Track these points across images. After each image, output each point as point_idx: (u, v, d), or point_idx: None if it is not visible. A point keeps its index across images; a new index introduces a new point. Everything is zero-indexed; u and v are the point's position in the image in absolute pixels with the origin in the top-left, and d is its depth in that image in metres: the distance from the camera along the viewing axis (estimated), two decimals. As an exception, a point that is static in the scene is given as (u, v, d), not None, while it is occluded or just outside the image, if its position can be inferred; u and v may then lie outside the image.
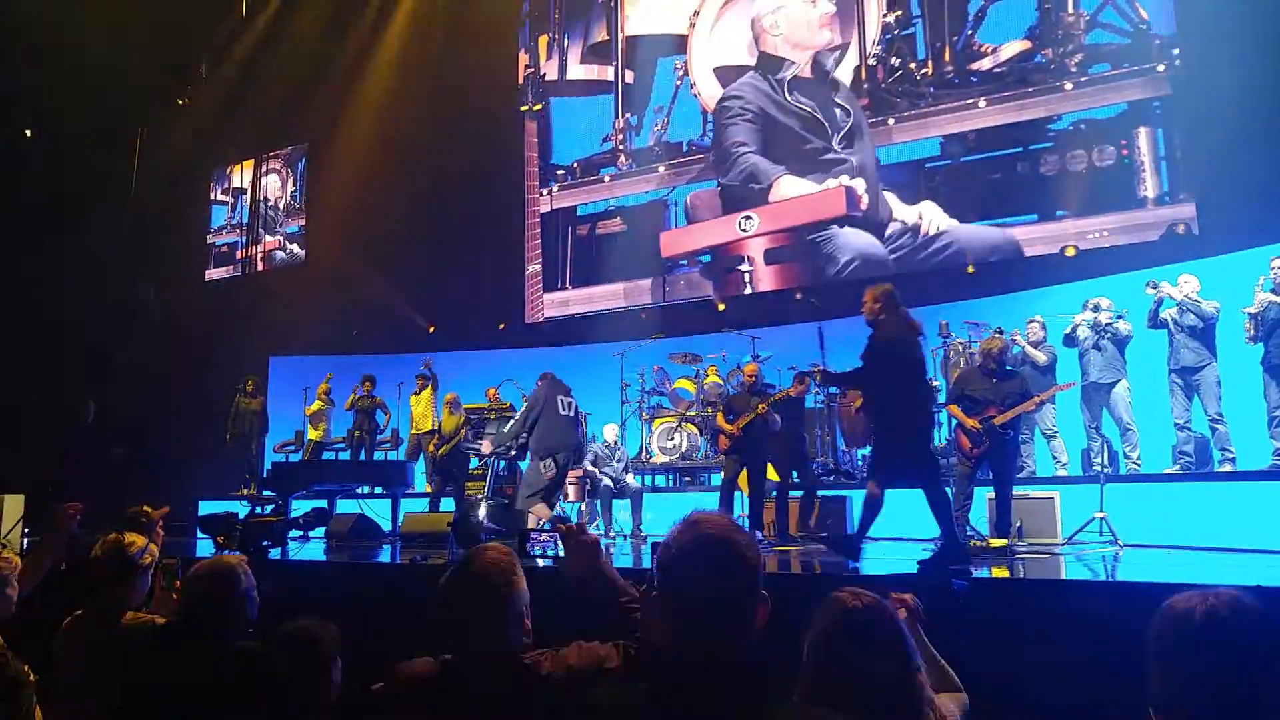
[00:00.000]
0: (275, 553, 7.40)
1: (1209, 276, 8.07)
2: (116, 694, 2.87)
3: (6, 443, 11.26)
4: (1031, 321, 8.84)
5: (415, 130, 13.62)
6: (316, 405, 12.66)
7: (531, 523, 7.44)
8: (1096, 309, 8.32)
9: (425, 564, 6.46)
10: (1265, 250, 7.82)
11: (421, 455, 11.41)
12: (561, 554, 2.63)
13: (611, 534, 9.10)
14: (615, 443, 9.59)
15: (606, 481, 9.30)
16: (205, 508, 10.52)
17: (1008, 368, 7.26)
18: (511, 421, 8.47)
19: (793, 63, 11.79)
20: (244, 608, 3.03)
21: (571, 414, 8.15)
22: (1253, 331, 7.52)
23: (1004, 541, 6.58)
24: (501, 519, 8.42)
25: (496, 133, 13.75)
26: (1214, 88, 8.75)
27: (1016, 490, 7.05)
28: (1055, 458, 8.59)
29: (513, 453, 8.65)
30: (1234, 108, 8.37)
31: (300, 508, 9.27)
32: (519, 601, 2.26)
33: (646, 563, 5.83)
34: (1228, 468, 7.55)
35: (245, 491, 11.77)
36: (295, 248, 15.60)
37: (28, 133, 13.69)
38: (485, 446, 9.24)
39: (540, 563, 6.03)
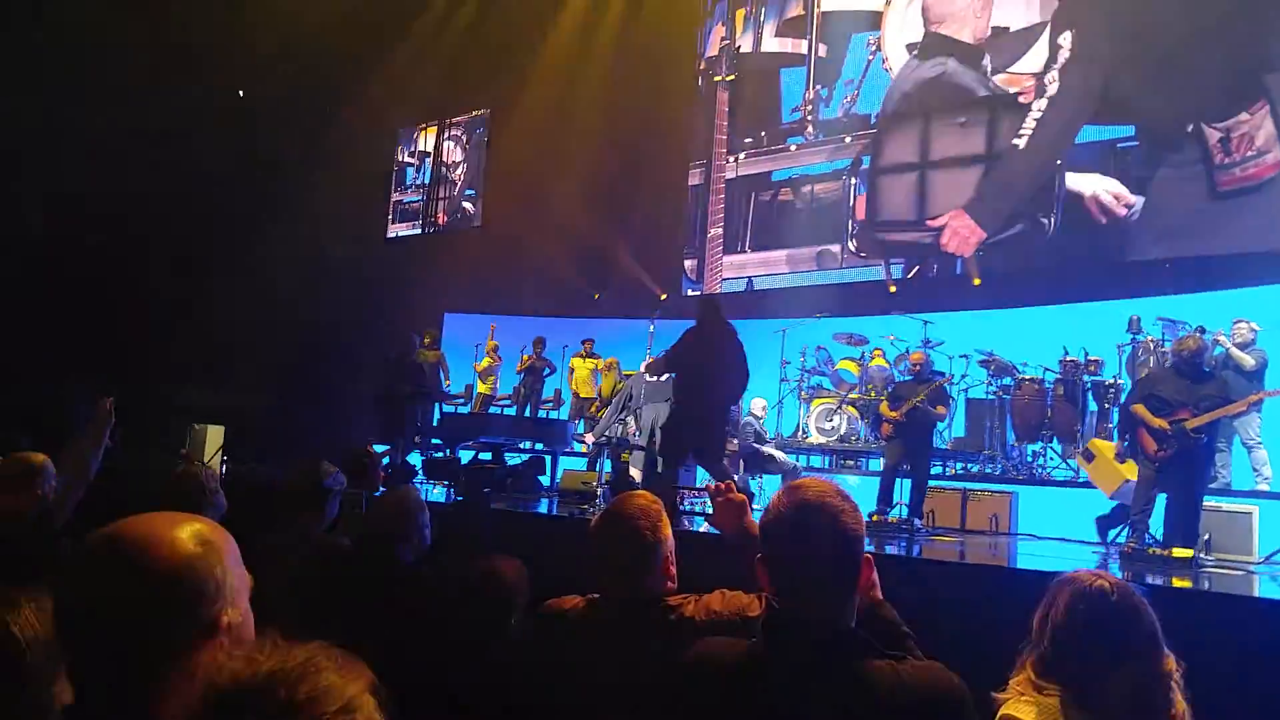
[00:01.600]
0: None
1: None
2: (303, 611, 3.09)
3: (211, 380, 12.30)
4: (1239, 322, 8.15)
5: (595, 98, 13.87)
6: (486, 361, 13.24)
7: None
8: None
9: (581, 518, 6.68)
10: None
11: (582, 418, 11.75)
12: (710, 512, 2.72)
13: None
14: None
15: (771, 451, 9.39)
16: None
17: (1205, 369, 6.74)
18: None
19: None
20: (418, 532, 3.24)
21: None
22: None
23: (1189, 552, 6.15)
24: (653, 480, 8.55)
25: (675, 104, 13.84)
26: None
27: (1208, 501, 6.56)
28: (1256, 470, 7.94)
29: None
30: None
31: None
32: (664, 546, 2.35)
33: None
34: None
35: (417, 440, 12.34)
36: (470, 208, 16.22)
37: (240, 93, 14.75)
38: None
39: (691, 523, 6.12)
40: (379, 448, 10.78)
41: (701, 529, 6.24)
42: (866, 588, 1.91)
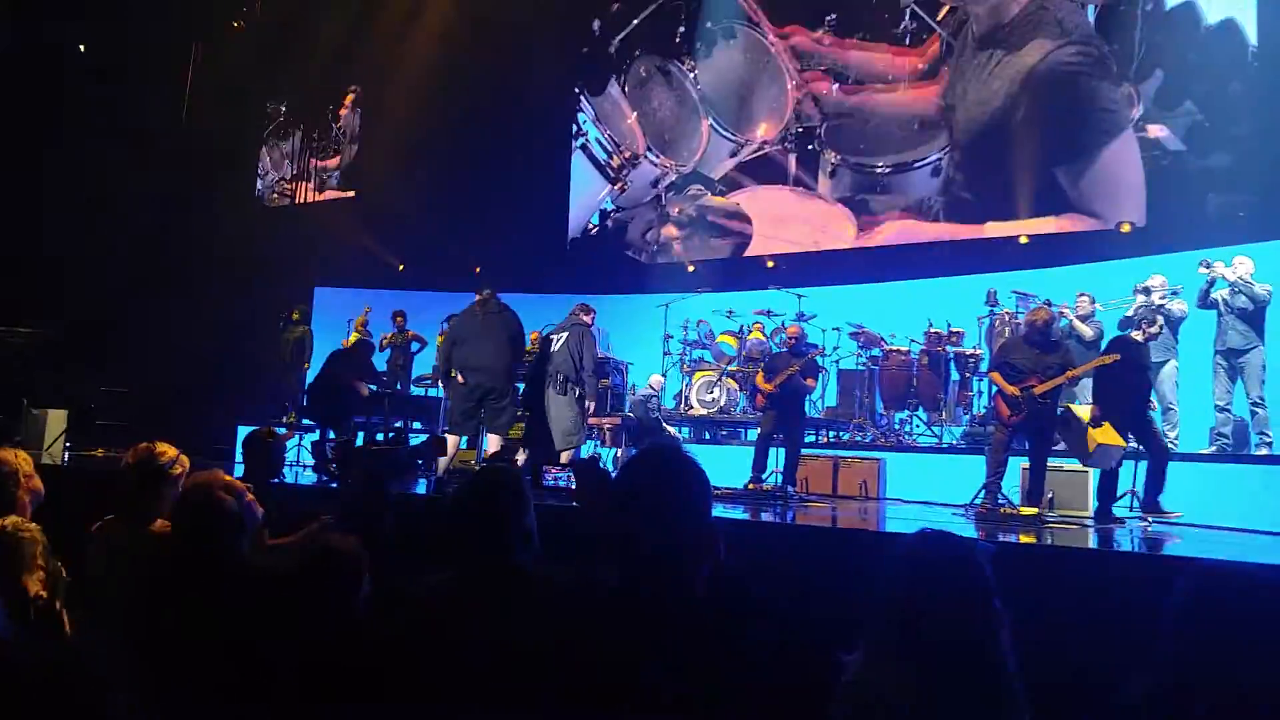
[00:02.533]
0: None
1: (1264, 261, 7.97)
2: (140, 599, 2.85)
3: (52, 361, 11.59)
4: (1081, 295, 8.80)
5: (467, 70, 13.66)
6: (354, 337, 12.81)
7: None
8: (1147, 292, 8.24)
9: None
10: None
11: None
12: (574, 487, 2.73)
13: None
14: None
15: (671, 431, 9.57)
16: (245, 432, 10.79)
17: (1052, 340, 7.24)
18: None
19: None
20: (235, 520, 2.90)
21: None
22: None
23: (1035, 510, 6.64)
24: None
25: (546, 74, 13.80)
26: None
27: (1051, 462, 7.08)
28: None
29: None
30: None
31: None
32: (524, 516, 2.37)
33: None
34: (1264, 451, 7.51)
35: (284, 420, 12.01)
36: (343, 183, 15.79)
37: (82, 48, 13.90)
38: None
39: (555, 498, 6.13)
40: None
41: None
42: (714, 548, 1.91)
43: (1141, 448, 6.83)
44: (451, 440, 8.03)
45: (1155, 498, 6.69)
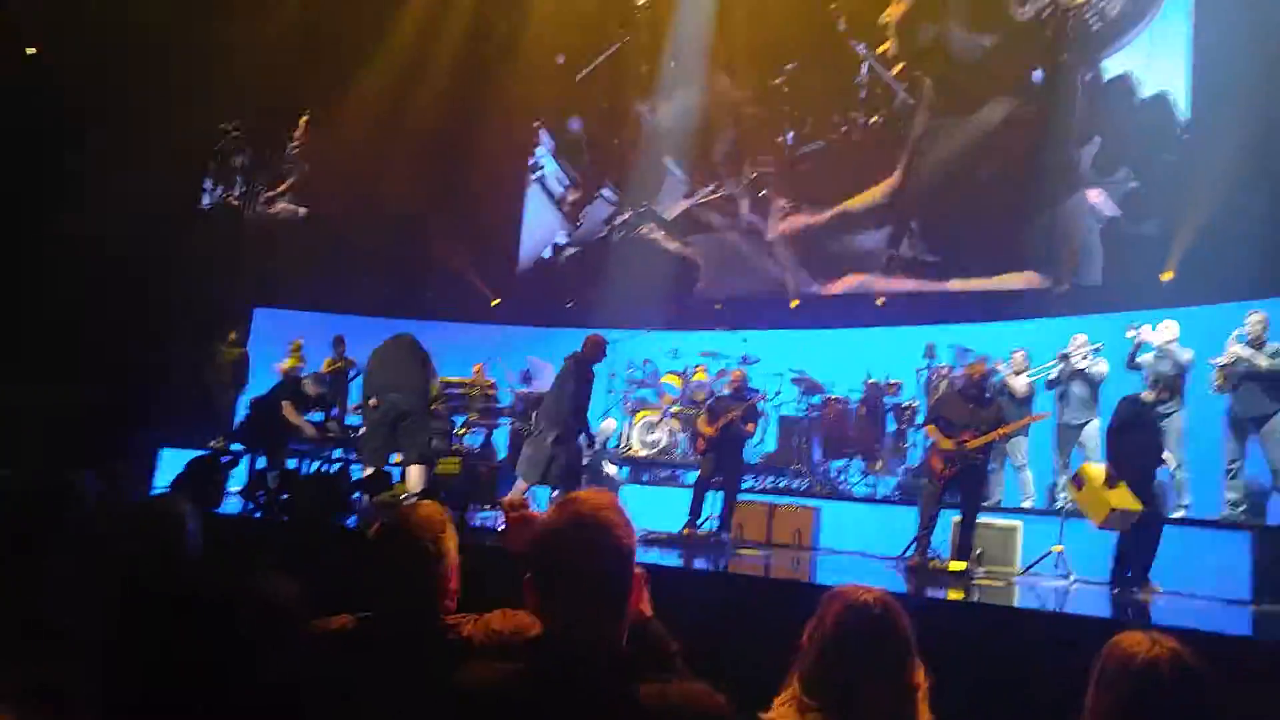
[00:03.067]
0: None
1: (1188, 326, 8.24)
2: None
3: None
4: (1016, 352, 8.99)
5: (426, 98, 13.66)
6: (290, 362, 12.53)
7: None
8: (1066, 358, 8.47)
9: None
10: (1241, 305, 7.99)
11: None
12: (502, 529, 2.63)
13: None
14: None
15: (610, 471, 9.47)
16: (168, 457, 10.48)
17: (986, 395, 7.40)
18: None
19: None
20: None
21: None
22: (1220, 382, 7.67)
23: (963, 565, 6.73)
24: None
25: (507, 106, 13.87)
26: (1211, 159, 9.04)
27: (981, 518, 7.19)
28: (1022, 489, 8.75)
29: None
30: (1231, 179, 8.61)
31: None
32: (445, 562, 2.26)
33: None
34: (1181, 514, 7.72)
35: (214, 443, 11.68)
36: (293, 204, 15.59)
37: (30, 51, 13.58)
38: None
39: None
40: (179, 454, 10.29)
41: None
42: (638, 604, 1.88)
43: None
44: (414, 471, 7.91)
45: (1145, 567, 6.46)
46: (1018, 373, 8.88)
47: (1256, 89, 8.67)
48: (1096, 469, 6.68)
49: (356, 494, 7.71)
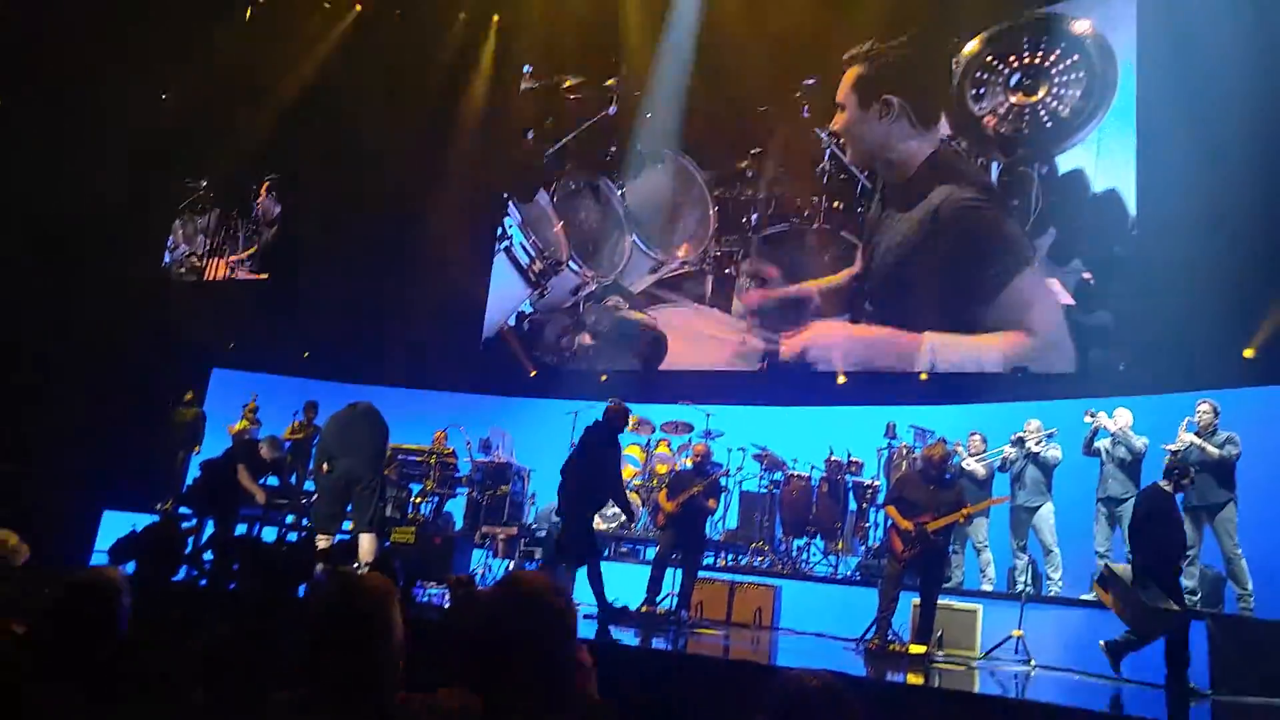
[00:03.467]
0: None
1: (1141, 414, 8.40)
2: None
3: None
4: (973, 434, 9.08)
5: (396, 166, 13.80)
6: (241, 425, 12.33)
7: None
8: (1020, 442, 8.57)
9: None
10: (1191, 395, 8.16)
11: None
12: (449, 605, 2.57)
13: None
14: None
15: None
16: (111, 520, 10.13)
17: (947, 476, 7.44)
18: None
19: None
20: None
21: None
22: (1175, 470, 7.76)
23: (923, 648, 6.69)
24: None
25: (476, 177, 14.03)
26: (1160, 253, 9.39)
27: (941, 600, 7.17)
28: (982, 571, 8.75)
29: None
30: (1180, 272, 8.90)
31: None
32: (391, 637, 2.20)
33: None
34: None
35: (161, 506, 11.36)
36: (257, 266, 15.53)
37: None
38: None
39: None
40: (122, 517, 9.99)
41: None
42: (584, 686, 1.88)
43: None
44: (365, 540, 7.74)
45: (1180, 668, 6.09)
46: (974, 455, 8.95)
47: (1199, 186, 9.02)
48: (1124, 567, 6.49)
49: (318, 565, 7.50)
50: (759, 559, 9.66)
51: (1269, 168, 8.57)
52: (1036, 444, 8.52)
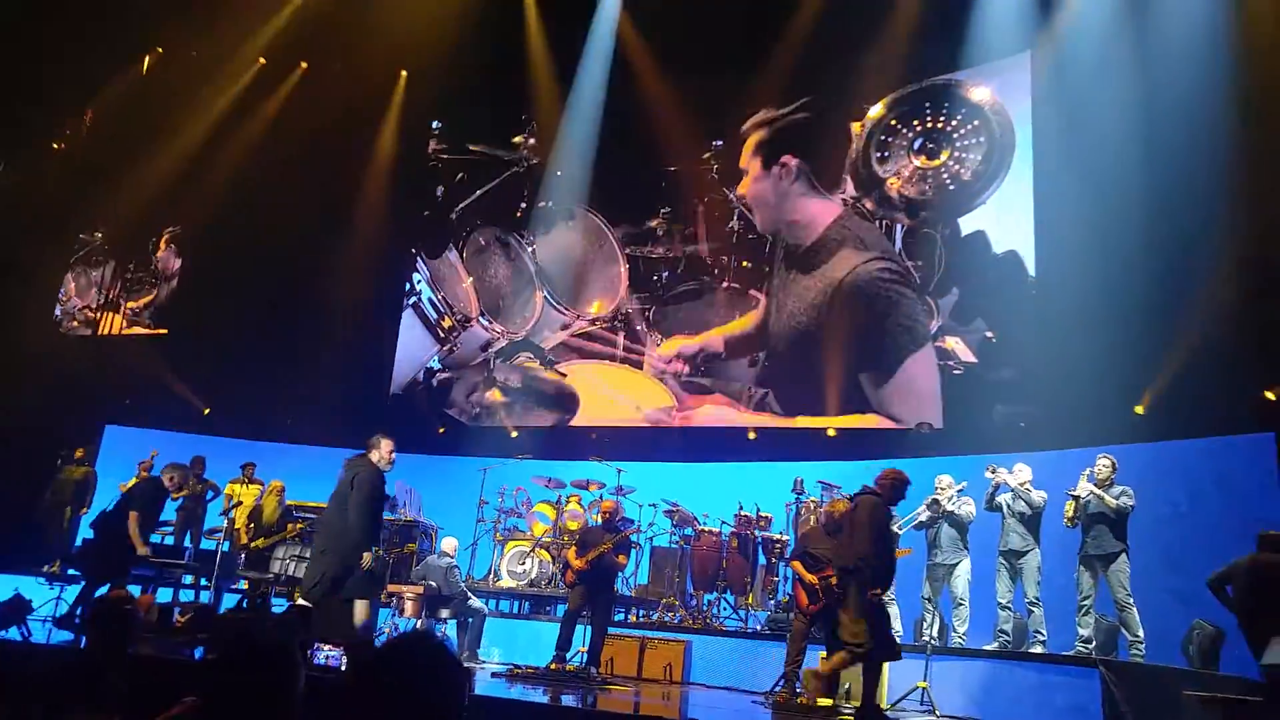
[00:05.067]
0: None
1: (1041, 469, 8.63)
2: None
3: None
4: (879, 488, 9.17)
5: (299, 221, 13.58)
6: (134, 482, 11.79)
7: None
8: (936, 504, 8.66)
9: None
10: (1090, 450, 8.43)
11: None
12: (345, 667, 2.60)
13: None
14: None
15: (476, 604, 9.01)
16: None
17: (850, 531, 7.48)
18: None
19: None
20: None
21: None
22: (1071, 513, 7.99)
23: (830, 701, 6.66)
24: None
25: (383, 232, 13.93)
26: (1057, 312, 9.79)
27: (848, 652, 7.15)
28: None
29: None
30: (1077, 331, 9.26)
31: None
32: (293, 695, 2.23)
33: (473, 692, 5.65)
34: (1039, 649, 7.88)
35: (48, 569, 10.75)
36: (153, 320, 15.04)
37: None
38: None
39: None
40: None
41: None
42: None
43: None
44: (360, 605, 7.33)
45: None
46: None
47: (1093, 246, 9.46)
48: None
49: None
50: (670, 614, 9.56)
51: (1158, 228, 9.01)
52: (949, 501, 8.62)
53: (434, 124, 14.66)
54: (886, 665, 7.45)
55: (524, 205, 13.80)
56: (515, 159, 13.96)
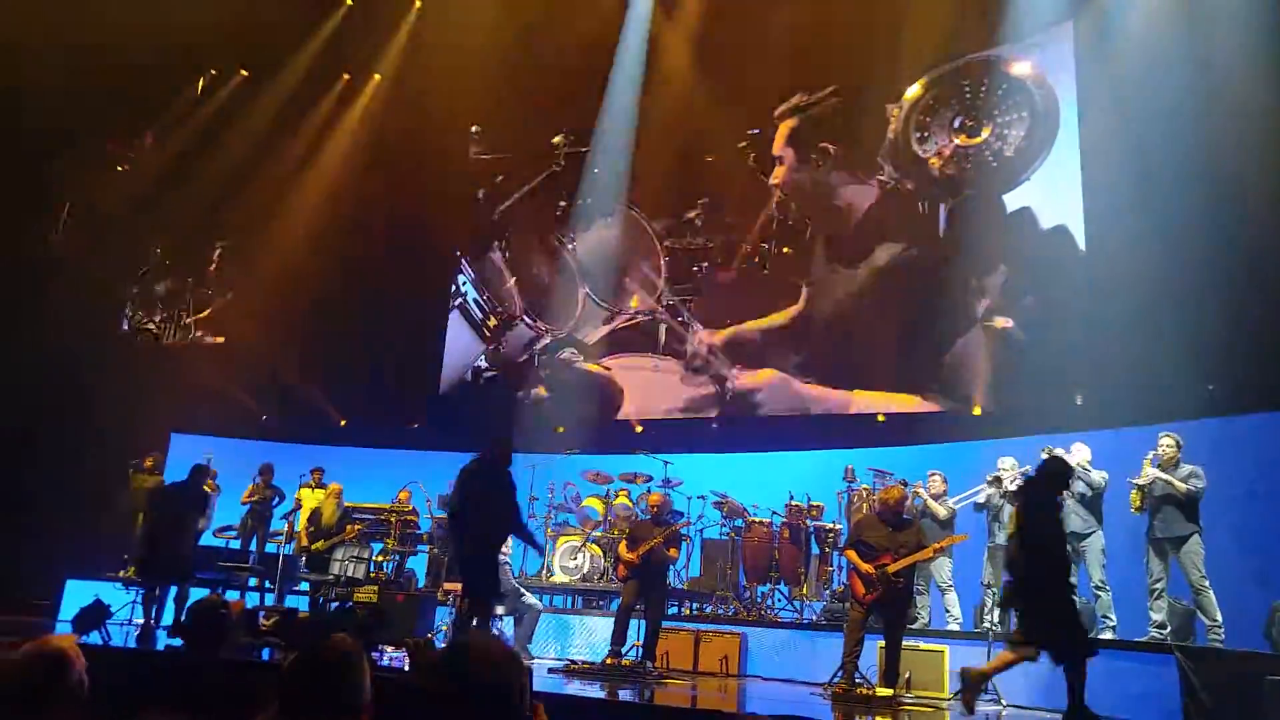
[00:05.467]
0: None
1: (1101, 449, 8.43)
2: None
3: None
4: (933, 474, 9.03)
5: (348, 228, 13.79)
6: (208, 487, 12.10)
7: None
8: (998, 481, 8.50)
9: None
10: (1152, 428, 8.20)
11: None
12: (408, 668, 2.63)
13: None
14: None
15: (531, 599, 9.07)
16: (74, 589, 9.98)
17: (905, 517, 7.39)
18: None
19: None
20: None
21: None
22: (1139, 502, 7.78)
23: (890, 691, 6.59)
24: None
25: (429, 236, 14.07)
26: (1109, 286, 9.56)
27: (906, 641, 7.09)
28: (948, 611, 8.66)
29: None
30: (1132, 305, 9.04)
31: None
32: (361, 695, 2.25)
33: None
34: (1108, 635, 7.70)
35: (122, 574, 11.10)
36: (212, 329, 15.36)
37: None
38: None
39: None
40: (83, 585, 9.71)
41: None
42: None
43: None
44: None
45: None
46: (935, 495, 8.89)
47: (1145, 218, 9.19)
48: None
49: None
50: (723, 607, 9.53)
51: (1212, 197, 8.74)
52: (1012, 482, 8.46)
53: (474, 128, 14.75)
54: (946, 652, 7.40)
55: (564, 204, 13.84)
56: (554, 159, 14.00)
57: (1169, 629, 7.56)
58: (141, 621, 8.83)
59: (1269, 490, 8.29)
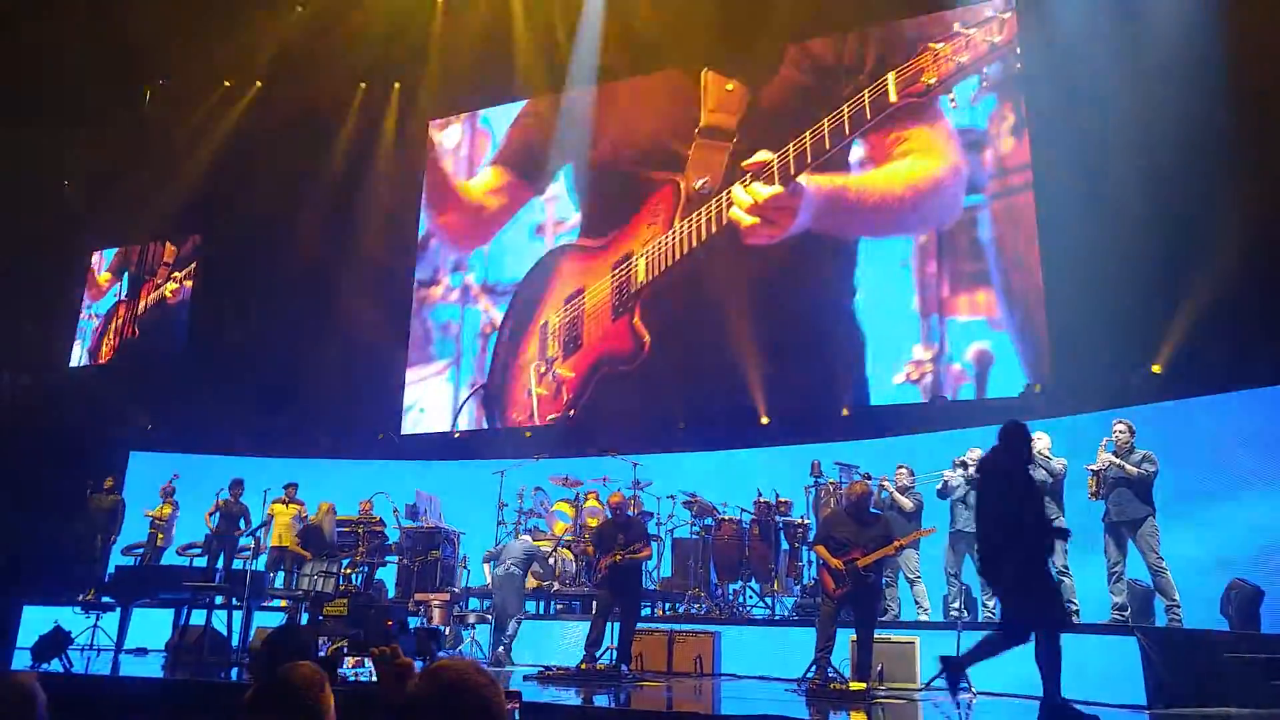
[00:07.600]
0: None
1: (1058, 436, 8.57)
2: None
3: None
4: (900, 468, 9.11)
5: (312, 227, 13.67)
6: (165, 508, 11.93)
7: None
8: (965, 465, 8.60)
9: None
10: (1108, 414, 8.37)
11: (280, 569, 10.86)
12: (374, 679, 2.60)
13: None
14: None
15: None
16: (30, 615, 9.75)
17: (872, 511, 7.47)
18: None
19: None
20: None
21: None
22: (1094, 488, 7.93)
23: (863, 685, 6.64)
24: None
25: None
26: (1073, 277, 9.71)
27: (878, 634, 7.15)
28: (918, 602, 8.75)
29: None
30: (1087, 293, 9.17)
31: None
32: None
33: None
34: (1074, 620, 7.81)
35: (83, 597, 10.87)
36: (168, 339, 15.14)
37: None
38: None
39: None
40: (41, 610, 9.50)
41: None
42: None
43: None
44: None
45: None
46: (901, 489, 8.97)
47: (1094, 204, 9.41)
48: None
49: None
50: (696, 606, 9.57)
51: (1161, 179, 8.92)
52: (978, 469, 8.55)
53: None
54: (918, 643, 7.48)
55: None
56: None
57: (1129, 610, 7.71)
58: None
59: (1219, 470, 8.50)
